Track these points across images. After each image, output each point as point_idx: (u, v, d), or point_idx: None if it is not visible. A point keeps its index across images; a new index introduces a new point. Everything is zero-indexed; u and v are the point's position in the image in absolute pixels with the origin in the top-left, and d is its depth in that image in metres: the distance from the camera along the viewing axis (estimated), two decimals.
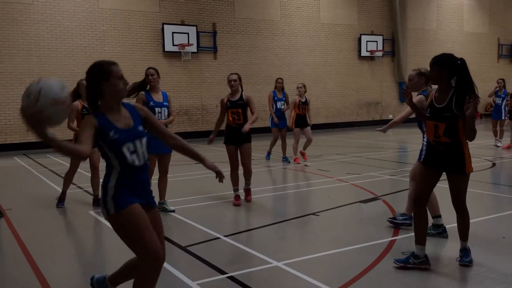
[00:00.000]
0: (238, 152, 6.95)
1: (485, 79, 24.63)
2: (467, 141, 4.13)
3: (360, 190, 7.84)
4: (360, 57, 21.54)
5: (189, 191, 7.85)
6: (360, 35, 21.39)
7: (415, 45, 23.07)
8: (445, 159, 4.17)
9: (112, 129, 2.94)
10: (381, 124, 20.33)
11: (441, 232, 5.15)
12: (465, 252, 4.33)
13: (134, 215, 2.93)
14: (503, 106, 13.05)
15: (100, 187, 3.05)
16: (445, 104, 4.07)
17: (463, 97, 3.98)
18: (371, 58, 21.81)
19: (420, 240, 4.25)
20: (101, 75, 2.96)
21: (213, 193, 7.42)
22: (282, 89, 10.90)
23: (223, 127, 7.07)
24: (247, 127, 6.67)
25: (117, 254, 5.04)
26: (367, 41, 21.46)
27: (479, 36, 25.12)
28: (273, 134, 11.06)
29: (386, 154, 12.33)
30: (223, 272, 4.19)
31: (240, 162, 6.99)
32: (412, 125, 22.94)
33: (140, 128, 3.07)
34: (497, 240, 5.02)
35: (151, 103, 6.23)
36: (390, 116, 22.72)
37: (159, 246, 3.00)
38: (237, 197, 6.88)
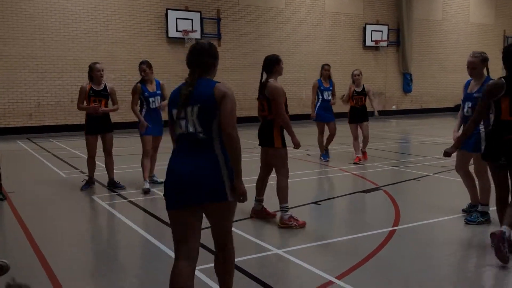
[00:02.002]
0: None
1: (490, 72, 24.47)
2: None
3: (362, 180, 7.86)
4: (365, 46, 21.42)
5: None
6: (365, 24, 21.25)
7: (421, 36, 22.91)
8: None
9: None
10: (384, 115, 19.98)
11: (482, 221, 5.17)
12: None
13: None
14: None
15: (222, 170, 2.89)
16: None
17: None
18: (375, 48, 21.69)
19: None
20: None
21: None
22: (329, 77, 9.62)
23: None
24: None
25: (119, 238, 5.08)
26: (372, 31, 21.33)
27: (485, 28, 24.93)
28: (318, 129, 9.60)
29: (388, 145, 12.33)
30: None
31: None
32: (415, 117, 22.51)
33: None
34: None
35: (146, 93, 7.13)
36: (394, 107, 22.67)
37: None
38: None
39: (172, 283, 2.89)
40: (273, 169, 5.45)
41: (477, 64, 5.06)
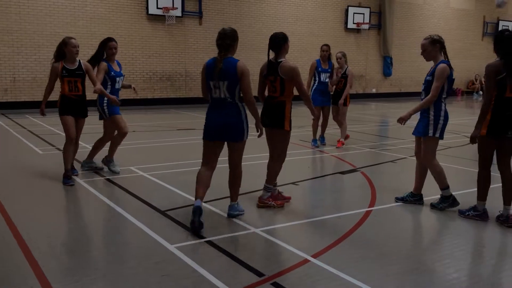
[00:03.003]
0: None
1: (468, 57, 24.75)
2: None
3: (340, 161, 7.94)
4: (347, 29, 21.42)
5: (169, 157, 7.85)
6: (348, 6, 21.21)
7: (402, 19, 23.00)
8: None
9: None
10: (364, 98, 20.09)
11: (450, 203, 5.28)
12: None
13: None
14: None
15: (242, 118, 4.65)
16: None
17: None
18: (357, 30, 21.71)
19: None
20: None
21: (193, 159, 7.42)
22: (329, 58, 9.06)
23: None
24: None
25: (96, 215, 5.06)
26: (354, 13, 21.32)
27: (465, 13, 25.13)
28: (315, 113, 7.98)
29: (367, 128, 12.45)
30: (201, 237, 4.25)
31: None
32: (394, 100, 22.57)
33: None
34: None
35: (112, 73, 6.58)
36: (374, 90, 22.83)
37: None
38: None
39: (198, 180, 4.64)
40: (269, 150, 5.35)
41: (426, 46, 5.11)
